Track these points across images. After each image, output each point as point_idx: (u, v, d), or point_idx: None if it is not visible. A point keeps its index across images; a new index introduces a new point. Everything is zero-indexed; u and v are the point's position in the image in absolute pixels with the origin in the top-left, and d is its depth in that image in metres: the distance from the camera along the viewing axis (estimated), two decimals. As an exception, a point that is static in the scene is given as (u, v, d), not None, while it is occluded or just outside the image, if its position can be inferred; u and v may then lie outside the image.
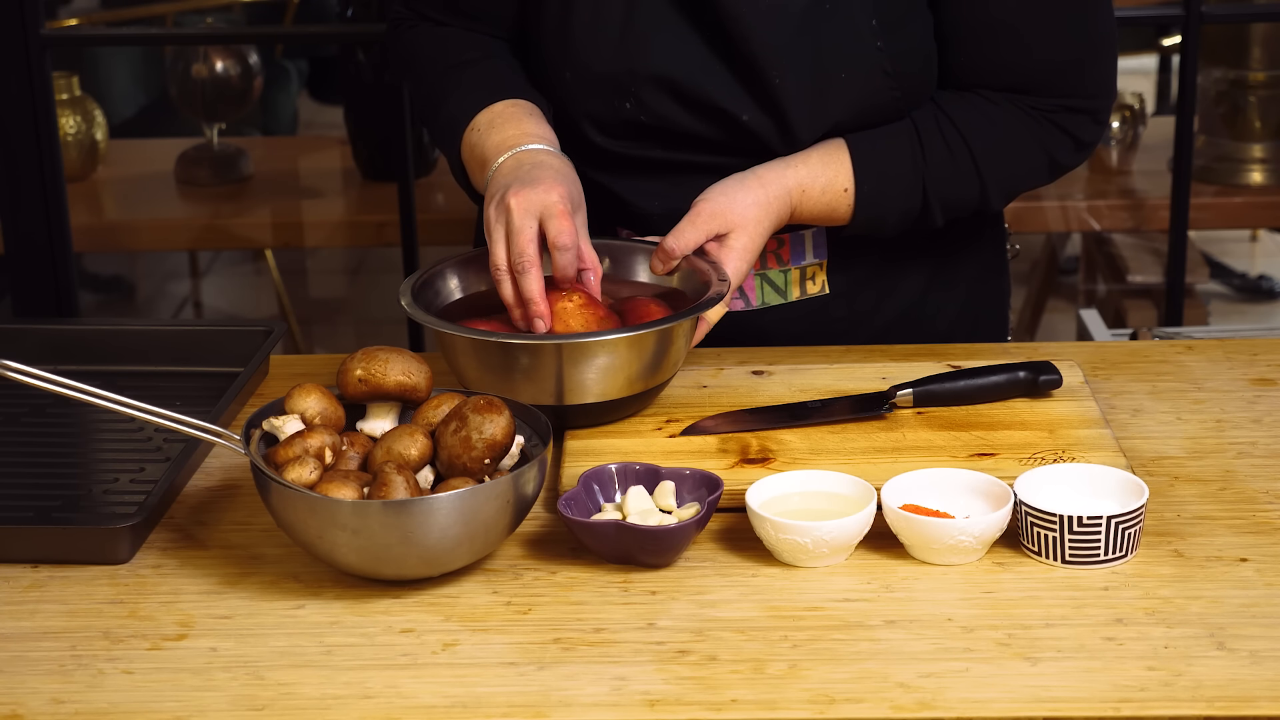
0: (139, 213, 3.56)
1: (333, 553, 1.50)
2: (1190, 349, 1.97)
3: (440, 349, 1.77)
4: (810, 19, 1.82)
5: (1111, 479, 1.59)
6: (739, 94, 1.84)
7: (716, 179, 1.82)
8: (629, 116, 1.86)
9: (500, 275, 1.74)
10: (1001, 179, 1.89)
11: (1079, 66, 1.87)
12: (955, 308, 2.02)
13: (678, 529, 1.53)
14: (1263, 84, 3.55)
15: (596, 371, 1.69)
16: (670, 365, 1.75)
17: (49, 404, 1.84)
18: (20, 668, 1.42)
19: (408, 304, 1.76)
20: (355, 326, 4.92)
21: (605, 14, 1.84)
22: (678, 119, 1.86)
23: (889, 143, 1.85)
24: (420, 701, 1.37)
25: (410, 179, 3.14)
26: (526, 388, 1.69)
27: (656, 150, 1.88)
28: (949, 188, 1.87)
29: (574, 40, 1.85)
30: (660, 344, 1.71)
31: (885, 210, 1.86)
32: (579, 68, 1.86)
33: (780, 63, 1.82)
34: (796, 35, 1.81)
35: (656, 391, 1.77)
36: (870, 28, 1.82)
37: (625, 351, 1.69)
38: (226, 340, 1.98)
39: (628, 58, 1.84)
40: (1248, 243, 5.15)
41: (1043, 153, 1.89)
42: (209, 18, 4.28)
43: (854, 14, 1.82)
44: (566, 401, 1.70)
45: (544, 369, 1.68)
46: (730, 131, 1.85)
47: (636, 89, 1.85)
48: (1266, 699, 1.35)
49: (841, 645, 1.43)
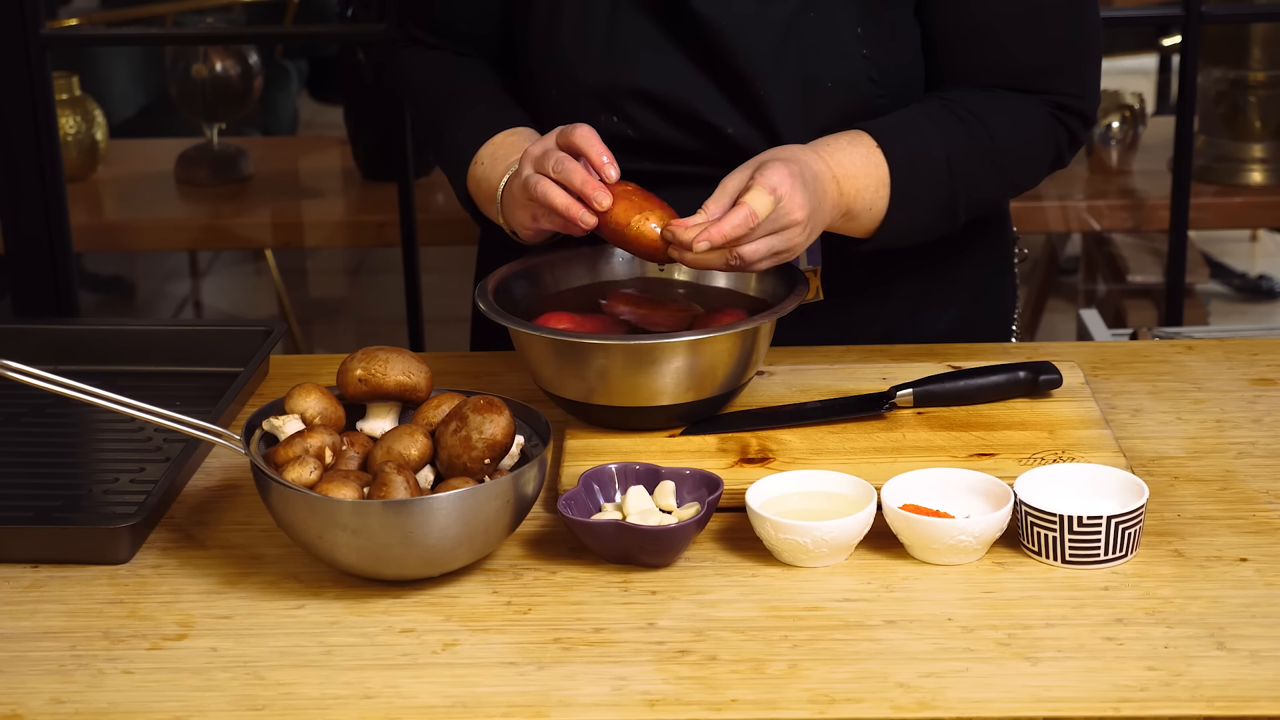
0: (139, 213, 3.56)
1: (333, 553, 1.50)
2: (1190, 349, 1.97)
3: (522, 352, 1.75)
4: (794, 29, 1.82)
5: (1111, 479, 1.59)
6: (724, 107, 1.84)
7: (708, 191, 1.81)
8: (616, 131, 1.86)
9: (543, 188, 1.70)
10: (1023, 161, 1.88)
11: (1068, 68, 1.88)
12: (955, 314, 2.02)
13: (678, 529, 1.53)
14: (1263, 84, 3.55)
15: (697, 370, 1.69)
16: (753, 366, 1.75)
17: (49, 404, 1.84)
18: (20, 668, 1.43)
19: (486, 308, 1.74)
20: (355, 326, 4.92)
21: (591, 30, 1.85)
22: (663, 133, 1.86)
23: (914, 135, 1.82)
24: (420, 701, 1.37)
25: (410, 179, 3.14)
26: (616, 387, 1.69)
27: (646, 163, 1.88)
28: (976, 177, 1.85)
29: (561, 56, 1.86)
30: (745, 344, 1.71)
31: (916, 203, 1.82)
32: (565, 84, 1.87)
33: (766, 74, 1.82)
34: (780, 45, 1.81)
35: (735, 393, 1.77)
36: (855, 35, 1.82)
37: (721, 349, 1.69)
38: (226, 340, 1.98)
39: (612, 72, 1.85)
40: (1248, 243, 5.15)
41: (1053, 141, 1.89)
42: (209, 18, 4.28)
43: (838, 23, 1.82)
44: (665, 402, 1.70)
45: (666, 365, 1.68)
46: (716, 144, 1.85)
47: (621, 104, 1.85)
48: (1266, 699, 1.35)
49: (841, 645, 1.43)
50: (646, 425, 1.73)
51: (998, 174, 1.87)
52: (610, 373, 1.68)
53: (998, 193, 1.92)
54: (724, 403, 1.75)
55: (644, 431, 1.73)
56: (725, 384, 1.72)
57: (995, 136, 1.84)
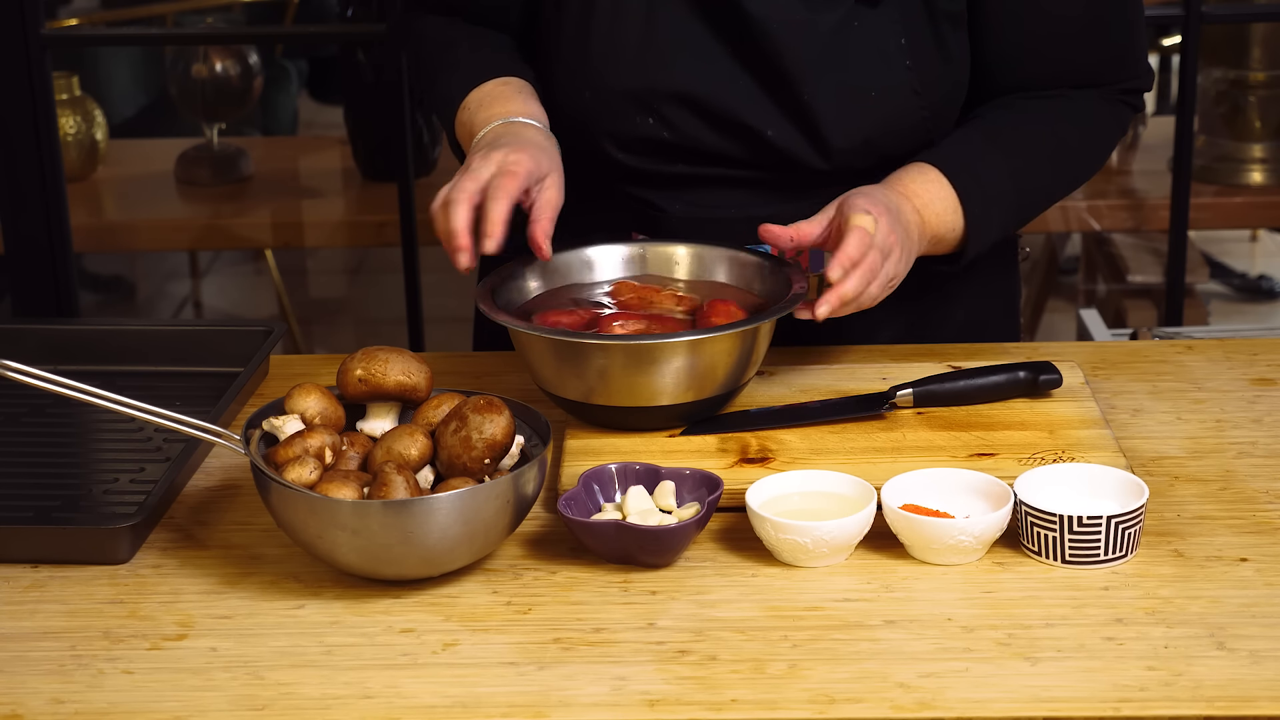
0: (139, 213, 3.56)
1: (333, 553, 1.50)
2: (1190, 349, 1.97)
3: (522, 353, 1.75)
4: (839, 37, 1.81)
5: (1111, 479, 1.59)
6: (766, 109, 1.83)
7: (743, 192, 1.81)
8: (651, 134, 1.85)
9: (437, 208, 1.71)
10: (1088, 154, 1.92)
11: (1126, 57, 1.91)
12: (962, 317, 2.01)
13: (678, 529, 1.53)
14: (1263, 84, 3.55)
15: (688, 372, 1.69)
16: (753, 365, 1.75)
17: (49, 404, 1.84)
18: (20, 668, 1.43)
19: (486, 308, 1.74)
20: (355, 326, 4.92)
21: (623, 31, 1.84)
22: (701, 135, 1.85)
23: (973, 151, 1.85)
24: (420, 701, 1.37)
25: (410, 179, 3.14)
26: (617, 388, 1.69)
27: (680, 166, 1.87)
28: (1043, 181, 1.89)
29: (592, 58, 1.85)
30: (745, 345, 1.71)
31: (991, 221, 1.84)
32: (598, 86, 1.86)
33: (811, 79, 1.81)
34: (826, 52, 1.81)
35: (735, 393, 1.76)
36: (899, 47, 1.82)
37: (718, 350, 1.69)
38: (226, 340, 1.98)
39: (648, 74, 1.84)
40: (1248, 243, 5.15)
41: (1117, 125, 1.93)
42: (209, 18, 4.28)
43: (883, 34, 1.82)
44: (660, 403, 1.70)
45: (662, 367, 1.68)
46: (755, 147, 1.85)
47: (658, 105, 1.84)
48: (1266, 699, 1.35)
49: (841, 645, 1.43)
50: (646, 425, 1.73)
51: (1064, 172, 1.91)
52: (610, 373, 1.68)
53: (1065, 186, 1.96)
54: (724, 403, 1.75)
55: (644, 432, 1.73)
56: (725, 384, 1.72)
57: (1060, 135, 1.88)
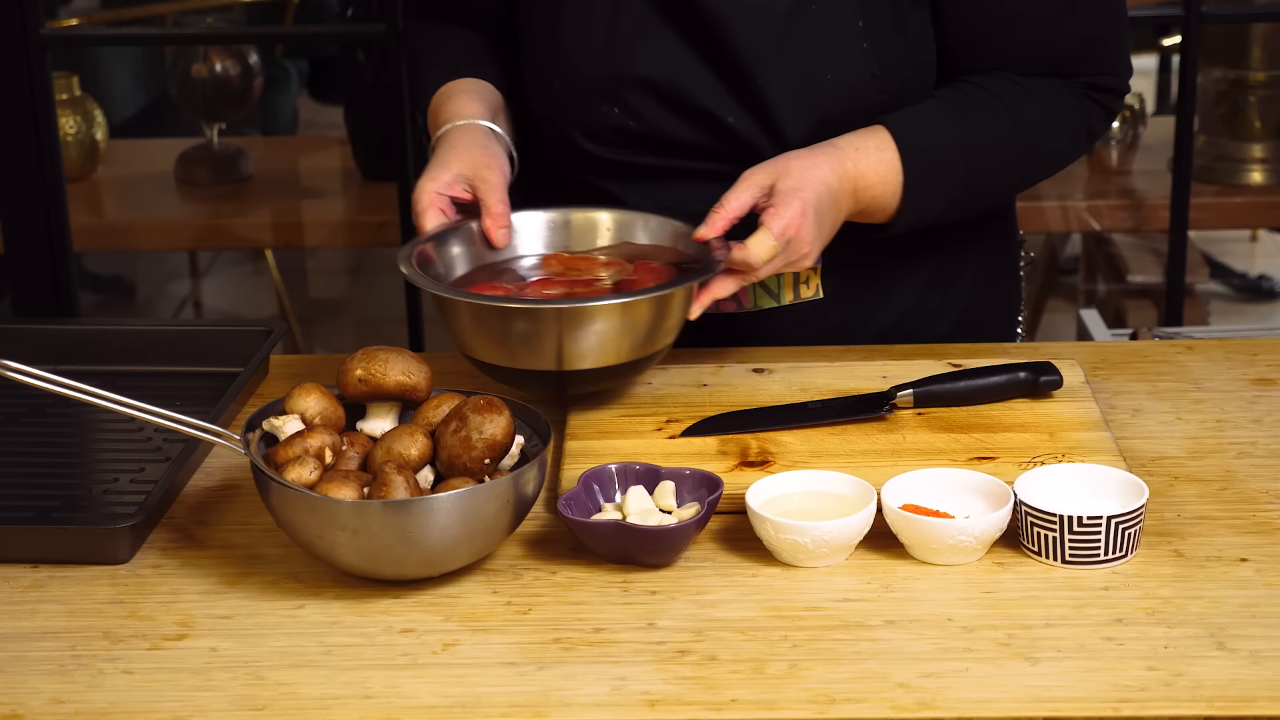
0: (139, 213, 3.56)
1: (333, 553, 1.50)
2: (1190, 349, 1.97)
3: (442, 316, 1.78)
4: (795, 20, 1.82)
5: (1111, 479, 1.59)
6: (723, 96, 1.84)
7: (709, 185, 1.81)
8: (617, 123, 1.87)
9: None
10: (1049, 144, 1.90)
11: (1099, 49, 1.89)
12: (955, 314, 2.01)
13: (678, 529, 1.53)
14: (1263, 84, 3.55)
15: (593, 336, 1.69)
16: (667, 333, 1.74)
17: (49, 404, 1.84)
18: (20, 668, 1.43)
19: (409, 271, 1.78)
20: (355, 326, 4.92)
21: (592, 20, 1.86)
22: (664, 123, 1.86)
23: (931, 121, 1.84)
24: (420, 701, 1.37)
25: (410, 179, 3.13)
26: (523, 352, 1.71)
27: (647, 156, 1.88)
28: (995, 163, 1.87)
29: (562, 47, 1.87)
30: (656, 310, 1.71)
31: (928, 195, 1.84)
32: (567, 75, 1.88)
33: (764, 64, 1.82)
34: (781, 36, 1.82)
35: (654, 359, 1.76)
36: (856, 29, 1.82)
37: (620, 315, 1.70)
38: (226, 340, 1.98)
39: (613, 62, 1.85)
40: (1248, 243, 5.15)
41: (1083, 123, 1.90)
42: (209, 18, 4.28)
43: (840, 16, 1.82)
44: (565, 367, 1.71)
45: (544, 333, 1.69)
46: (717, 135, 1.86)
47: (623, 94, 1.86)
48: (1266, 699, 1.35)
49: (841, 645, 1.43)
50: (534, 388, 1.75)
51: (1021, 159, 1.89)
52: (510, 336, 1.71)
53: (1021, 177, 1.93)
54: (631, 371, 1.75)
55: (533, 397, 1.75)
56: (627, 353, 1.72)
57: (1019, 122, 1.85)
